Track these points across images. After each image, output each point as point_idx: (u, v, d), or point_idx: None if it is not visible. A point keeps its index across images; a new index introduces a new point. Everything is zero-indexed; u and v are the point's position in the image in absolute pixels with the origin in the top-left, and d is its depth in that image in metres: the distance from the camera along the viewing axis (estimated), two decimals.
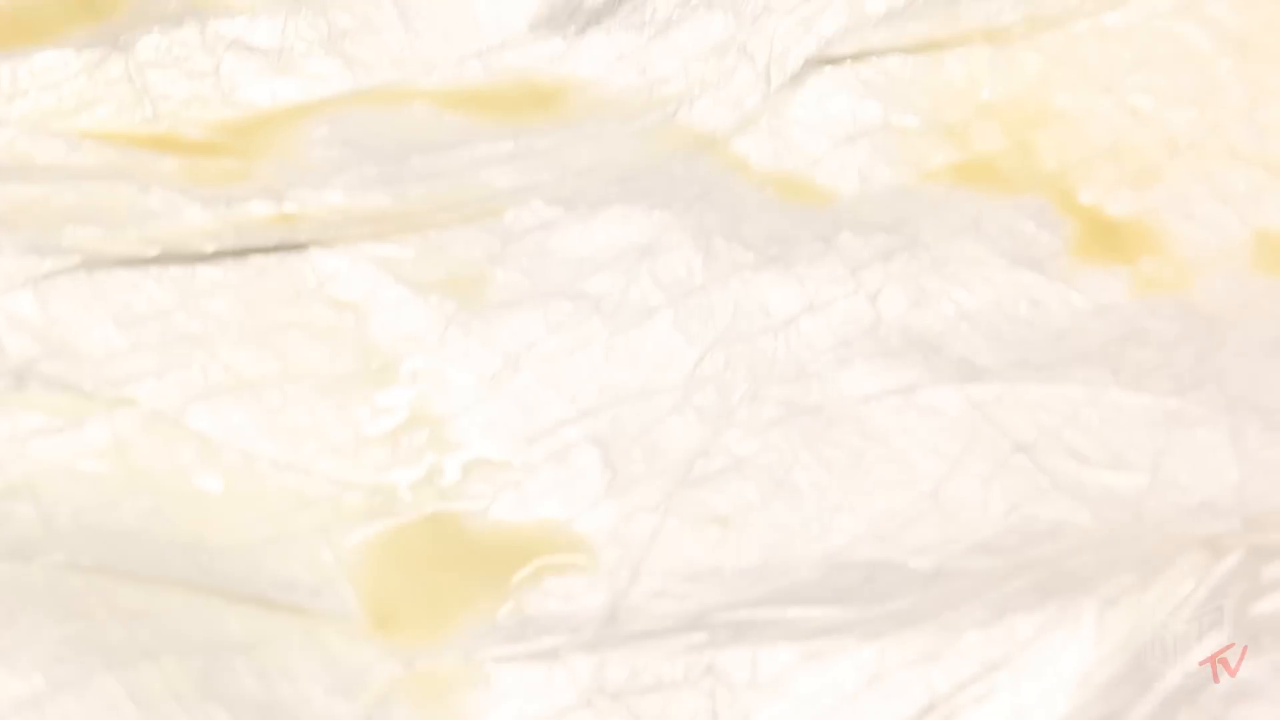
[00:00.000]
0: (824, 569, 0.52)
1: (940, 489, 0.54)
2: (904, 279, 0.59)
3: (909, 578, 0.52)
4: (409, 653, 0.50)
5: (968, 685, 0.48)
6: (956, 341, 0.57)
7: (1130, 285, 0.59)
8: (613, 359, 0.56)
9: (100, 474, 0.52)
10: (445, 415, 0.55)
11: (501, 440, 0.55)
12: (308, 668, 0.50)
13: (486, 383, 0.56)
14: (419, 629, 0.51)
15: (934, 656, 0.49)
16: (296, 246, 0.57)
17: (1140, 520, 0.53)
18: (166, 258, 0.56)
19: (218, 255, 0.57)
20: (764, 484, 0.54)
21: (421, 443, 0.54)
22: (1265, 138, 0.63)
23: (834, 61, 0.63)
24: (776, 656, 0.49)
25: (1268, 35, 0.65)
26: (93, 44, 0.61)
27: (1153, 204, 0.61)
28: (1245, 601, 0.48)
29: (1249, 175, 0.62)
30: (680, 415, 0.55)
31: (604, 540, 0.53)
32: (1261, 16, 0.65)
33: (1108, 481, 0.54)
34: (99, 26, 0.62)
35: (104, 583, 0.49)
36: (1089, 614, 0.49)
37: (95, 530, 0.51)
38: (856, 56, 0.63)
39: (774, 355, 0.57)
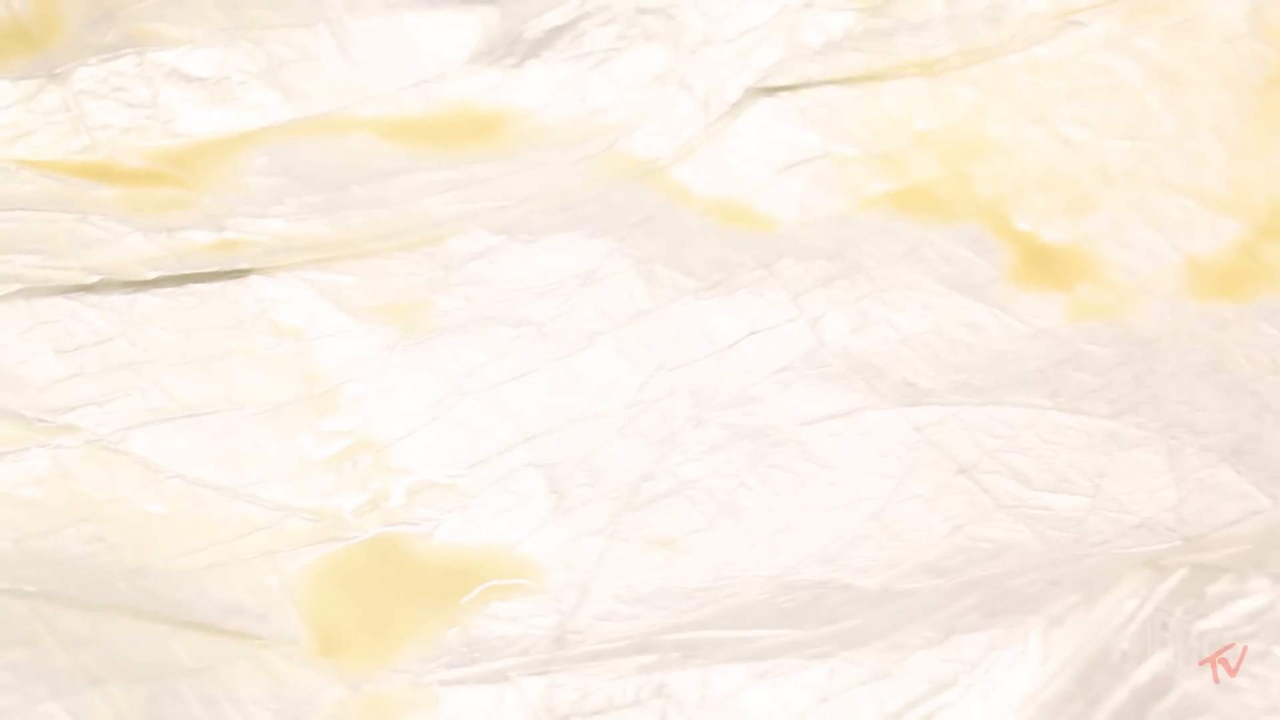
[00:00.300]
0: (771, 590, 0.52)
1: (884, 510, 0.54)
2: (845, 304, 0.59)
3: (856, 598, 0.52)
4: (356, 676, 0.50)
5: (916, 704, 0.48)
6: (898, 365, 0.58)
7: (1067, 310, 0.60)
8: (556, 384, 0.56)
9: (43, 501, 0.52)
10: (389, 440, 0.55)
11: (446, 464, 0.55)
12: (254, 692, 0.49)
13: (430, 408, 0.55)
14: (366, 652, 0.51)
15: (883, 676, 0.49)
16: (238, 274, 0.57)
17: (1083, 540, 0.53)
18: (107, 285, 0.56)
19: (158, 283, 0.57)
20: (709, 506, 0.54)
21: (366, 467, 0.54)
22: (1195, 167, 0.64)
23: (773, 92, 0.64)
24: (726, 677, 0.49)
25: (1196, 69, 0.66)
26: (29, 74, 0.61)
27: (1087, 231, 0.62)
28: (1190, 619, 0.49)
29: (1180, 204, 0.63)
30: (624, 439, 0.55)
31: (551, 563, 0.53)
32: (1190, 50, 0.66)
33: (1049, 502, 0.54)
34: (36, 57, 0.62)
35: (48, 609, 0.49)
36: (1035, 633, 0.49)
37: (38, 557, 0.51)
38: (795, 87, 0.64)
39: (717, 380, 0.57)
